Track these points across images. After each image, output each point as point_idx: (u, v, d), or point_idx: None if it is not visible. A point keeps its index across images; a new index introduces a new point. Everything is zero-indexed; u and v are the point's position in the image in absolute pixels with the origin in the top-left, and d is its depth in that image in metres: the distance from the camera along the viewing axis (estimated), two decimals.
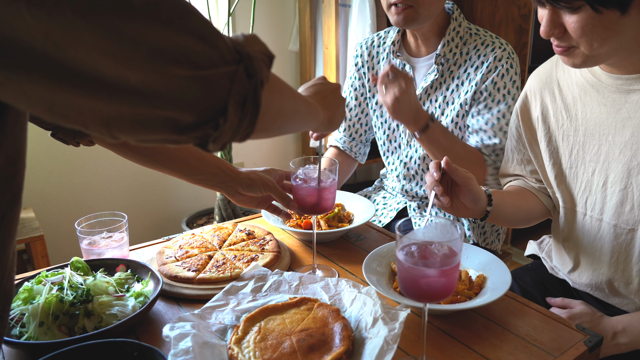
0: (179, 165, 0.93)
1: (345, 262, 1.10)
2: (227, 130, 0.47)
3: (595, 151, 1.01)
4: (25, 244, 1.92)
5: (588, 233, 1.05)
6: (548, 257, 1.22)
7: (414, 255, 0.69)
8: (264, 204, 1.08)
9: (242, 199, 1.03)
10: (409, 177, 1.50)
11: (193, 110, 0.44)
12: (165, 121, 0.43)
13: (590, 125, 1.01)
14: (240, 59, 0.47)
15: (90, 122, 0.41)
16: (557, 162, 1.08)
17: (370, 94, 1.53)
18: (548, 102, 1.09)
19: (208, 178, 0.97)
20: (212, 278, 0.98)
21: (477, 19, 2.77)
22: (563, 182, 1.08)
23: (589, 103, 1.01)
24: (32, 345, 0.77)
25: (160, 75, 0.41)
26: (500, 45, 1.33)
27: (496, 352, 0.79)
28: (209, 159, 0.96)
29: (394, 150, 1.52)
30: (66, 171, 2.27)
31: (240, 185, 0.99)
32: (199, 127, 0.46)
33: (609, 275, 1.03)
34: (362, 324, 0.80)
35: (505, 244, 2.93)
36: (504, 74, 1.30)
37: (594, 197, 1.02)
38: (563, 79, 1.07)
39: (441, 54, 1.35)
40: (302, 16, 2.74)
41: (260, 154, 2.92)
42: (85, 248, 1.07)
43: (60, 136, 0.84)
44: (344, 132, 1.60)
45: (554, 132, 1.08)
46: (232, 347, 0.76)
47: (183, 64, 0.42)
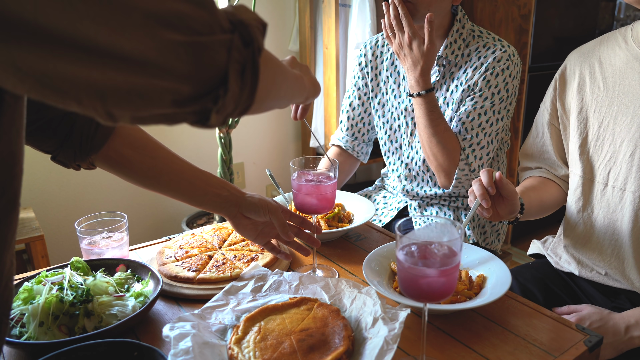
0: (183, 186, 0.89)
1: (345, 262, 1.10)
2: (230, 100, 0.46)
3: (628, 123, 1.03)
4: (25, 244, 1.92)
5: (607, 204, 1.07)
6: (553, 254, 1.23)
7: (414, 255, 0.69)
8: (263, 238, 1.00)
9: (243, 224, 0.96)
10: (410, 177, 1.50)
11: (191, 80, 0.43)
12: (163, 92, 0.42)
13: (627, 98, 1.03)
14: (234, 28, 0.46)
15: (84, 95, 0.40)
16: (583, 132, 1.11)
17: (373, 94, 1.53)
18: (587, 74, 1.12)
19: (212, 199, 0.92)
20: (212, 278, 0.98)
21: (477, 18, 2.77)
22: (585, 153, 1.11)
23: (629, 76, 1.03)
24: (32, 345, 0.77)
25: (156, 41, 0.40)
26: (502, 47, 1.32)
27: (496, 352, 0.79)
28: (213, 179, 0.93)
29: (395, 151, 1.52)
30: (66, 171, 2.27)
31: (244, 206, 0.94)
32: (198, 100, 0.44)
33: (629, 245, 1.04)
34: (362, 324, 0.80)
35: (505, 244, 2.94)
36: (498, 74, 1.30)
37: (618, 168, 1.05)
38: (605, 53, 1.09)
39: (443, 55, 1.35)
40: (302, 16, 2.74)
41: (260, 154, 2.91)
42: (85, 248, 1.07)
43: (61, 159, 0.82)
44: (346, 132, 1.60)
45: (587, 103, 1.11)
46: (232, 347, 0.76)
47: (179, 29, 0.41)
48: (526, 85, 2.59)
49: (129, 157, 0.85)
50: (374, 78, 1.52)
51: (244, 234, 0.98)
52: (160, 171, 0.88)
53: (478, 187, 0.96)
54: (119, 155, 0.84)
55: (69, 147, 0.80)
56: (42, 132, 0.78)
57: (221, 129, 2.23)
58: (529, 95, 2.63)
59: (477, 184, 0.96)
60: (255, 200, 0.94)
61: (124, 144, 0.84)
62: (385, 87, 1.49)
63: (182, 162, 0.90)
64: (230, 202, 0.93)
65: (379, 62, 1.51)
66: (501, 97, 1.31)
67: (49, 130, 0.78)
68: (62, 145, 0.80)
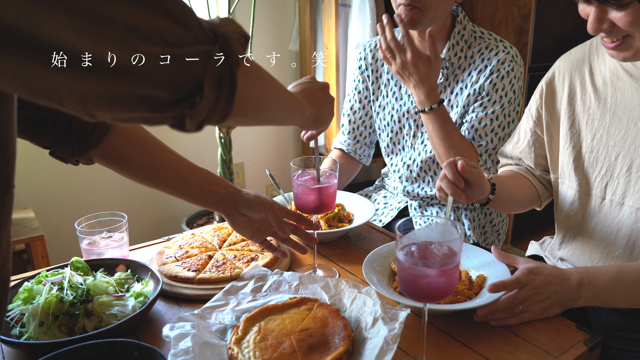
0: (180, 182, 0.90)
1: (345, 262, 1.10)
2: (204, 108, 0.48)
3: (622, 136, 1.01)
4: (25, 244, 1.92)
5: (605, 217, 1.05)
6: (551, 255, 1.22)
7: (414, 255, 0.69)
8: (259, 235, 1.00)
9: (240, 221, 0.97)
10: (412, 179, 1.50)
11: (168, 87, 0.45)
12: (142, 99, 0.44)
13: (619, 110, 1.01)
14: (216, 39, 0.48)
15: (66, 100, 0.41)
16: (576, 145, 1.09)
17: (374, 97, 1.53)
18: (577, 85, 1.09)
19: (209, 196, 0.93)
20: (212, 278, 0.98)
21: (477, 19, 2.77)
22: (580, 167, 1.09)
23: (620, 87, 1.01)
24: (32, 345, 0.77)
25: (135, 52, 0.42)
26: (504, 49, 1.32)
27: (496, 352, 0.79)
28: (210, 176, 0.93)
29: (398, 153, 1.52)
30: (66, 171, 2.27)
31: (240, 203, 0.94)
32: (175, 105, 0.46)
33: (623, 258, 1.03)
34: (362, 324, 0.80)
35: (505, 244, 2.94)
36: (504, 76, 1.30)
37: (615, 182, 1.03)
38: (596, 62, 1.07)
39: (446, 58, 1.35)
40: (302, 16, 2.74)
41: (260, 154, 2.91)
42: (85, 248, 1.07)
43: (59, 154, 0.82)
44: (348, 135, 1.60)
45: (579, 115, 1.08)
46: (232, 347, 0.76)
47: (156, 42, 0.43)
48: (526, 85, 2.59)
49: (127, 153, 0.85)
50: (374, 81, 1.52)
51: (241, 231, 0.99)
52: (158, 168, 0.89)
53: (447, 185, 0.94)
54: (117, 151, 0.85)
55: (67, 142, 0.80)
56: (41, 127, 0.78)
57: (221, 129, 2.23)
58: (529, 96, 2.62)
59: (445, 182, 0.93)
60: (250, 197, 0.95)
61: (122, 140, 0.85)
62: (386, 89, 1.49)
63: (179, 159, 0.91)
64: (226, 200, 0.94)
65: (379, 65, 1.51)
66: (509, 99, 1.31)
67: (47, 125, 0.78)
68: (60, 140, 0.80)
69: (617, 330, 1.00)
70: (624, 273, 0.91)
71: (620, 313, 1.03)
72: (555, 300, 0.87)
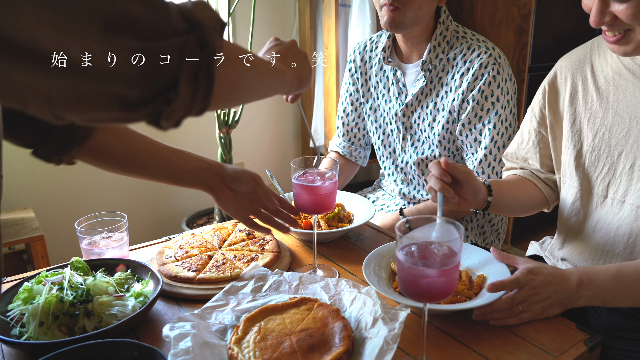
0: (160, 163, 0.88)
1: (345, 262, 1.10)
2: (180, 105, 0.44)
3: (624, 135, 1.01)
4: (25, 244, 1.92)
5: (605, 215, 1.05)
6: (551, 255, 1.22)
7: (414, 255, 0.69)
8: (243, 212, 0.97)
9: (225, 196, 0.94)
10: (407, 181, 1.50)
11: (139, 85, 0.41)
12: (111, 98, 0.40)
13: (622, 109, 1.02)
14: (191, 28, 0.44)
15: (29, 101, 0.38)
16: (578, 144, 1.09)
17: (364, 99, 1.52)
18: (579, 84, 1.09)
19: (192, 172, 0.90)
20: (212, 278, 0.98)
21: (477, 19, 2.77)
22: (581, 165, 1.09)
23: (622, 86, 1.02)
24: (32, 345, 0.77)
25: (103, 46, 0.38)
26: (485, 50, 1.30)
27: (496, 352, 0.79)
28: (189, 154, 0.92)
29: (389, 155, 1.52)
30: (66, 171, 2.27)
31: (226, 176, 0.93)
32: (148, 104, 0.42)
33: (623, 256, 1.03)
34: (362, 324, 0.80)
35: (505, 244, 2.94)
36: (490, 82, 1.28)
37: (617, 180, 1.03)
38: (598, 62, 1.07)
39: (427, 60, 1.34)
40: (302, 16, 2.74)
41: (260, 154, 2.91)
42: (85, 248, 1.07)
43: (43, 153, 0.79)
44: (342, 137, 1.60)
45: (580, 114, 1.08)
46: (232, 347, 0.76)
47: (129, 34, 0.39)
48: (526, 85, 2.59)
49: (104, 142, 0.84)
50: (364, 83, 1.51)
51: (225, 207, 0.96)
52: (135, 152, 0.87)
53: (434, 181, 0.94)
54: (98, 142, 0.83)
55: (52, 140, 0.78)
56: (25, 126, 0.75)
57: (221, 129, 2.23)
58: (529, 96, 2.63)
59: (432, 179, 0.94)
60: (238, 169, 0.95)
61: (99, 131, 0.83)
62: (376, 92, 1.49)
63: (156, 142, 0.90)
64: (210, 173, 0.92)
65: (368, 67, 1.50)
66: (502, 103, 1.30)
67: (31, 123, 0.75)
68: (44, 140, 0.77)
69: (617, 330, 1.00)
70: (623, 272, 0.91)
71: (620, 313, 1.03)
72: (555, 300, 0.87)
